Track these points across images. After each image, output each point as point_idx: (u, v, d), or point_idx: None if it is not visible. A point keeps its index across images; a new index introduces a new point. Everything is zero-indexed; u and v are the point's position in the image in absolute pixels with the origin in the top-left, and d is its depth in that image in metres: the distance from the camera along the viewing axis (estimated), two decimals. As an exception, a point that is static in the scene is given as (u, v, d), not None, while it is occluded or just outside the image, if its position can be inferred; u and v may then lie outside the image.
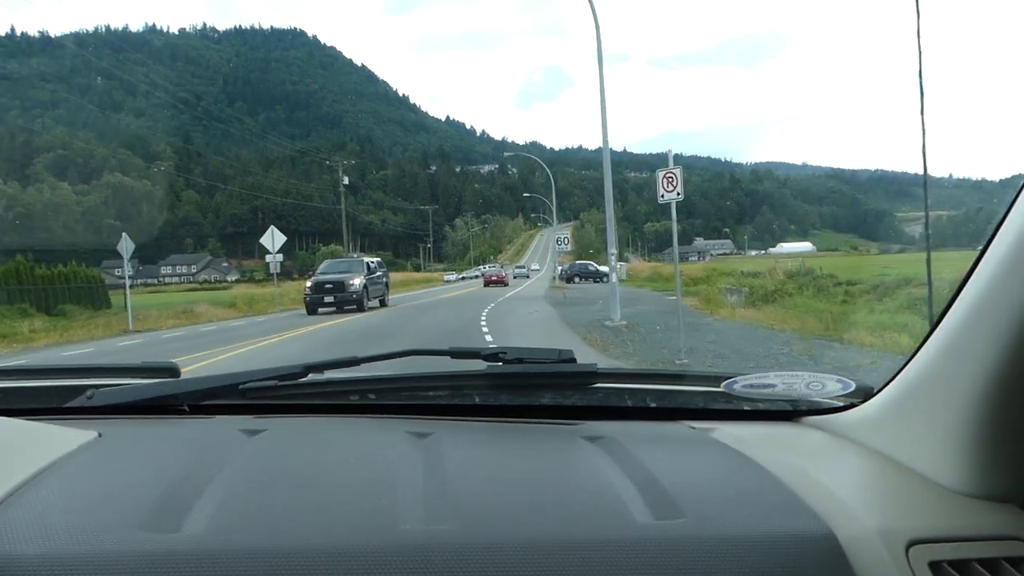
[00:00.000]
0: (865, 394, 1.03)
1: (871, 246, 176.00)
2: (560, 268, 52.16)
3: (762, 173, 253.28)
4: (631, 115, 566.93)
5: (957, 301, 0.79)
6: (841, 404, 1.06)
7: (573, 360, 1.16)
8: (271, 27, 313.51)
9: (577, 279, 48.43)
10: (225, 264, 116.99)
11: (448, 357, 1.28)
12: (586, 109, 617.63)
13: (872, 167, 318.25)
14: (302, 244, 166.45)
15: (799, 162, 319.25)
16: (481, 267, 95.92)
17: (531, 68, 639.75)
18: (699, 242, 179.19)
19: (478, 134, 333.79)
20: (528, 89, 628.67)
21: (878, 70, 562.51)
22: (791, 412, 1.12)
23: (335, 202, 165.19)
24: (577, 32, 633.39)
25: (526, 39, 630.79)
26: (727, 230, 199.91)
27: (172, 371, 1.26)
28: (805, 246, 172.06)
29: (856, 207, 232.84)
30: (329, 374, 1.23)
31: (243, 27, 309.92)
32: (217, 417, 1.13)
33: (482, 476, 0.85)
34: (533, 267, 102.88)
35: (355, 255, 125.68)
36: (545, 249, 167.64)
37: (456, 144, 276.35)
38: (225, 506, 0.72)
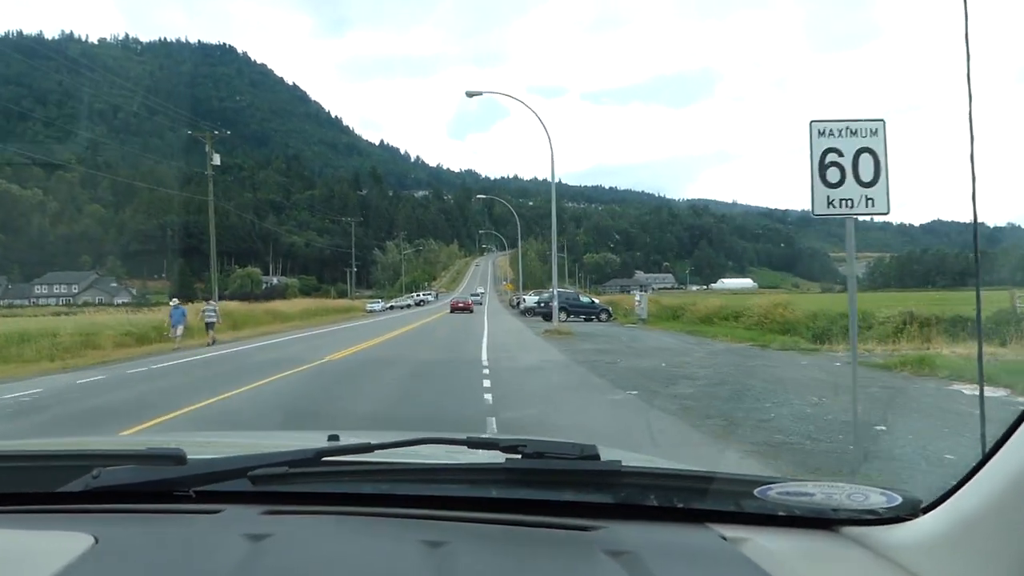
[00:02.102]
0: (912, 507, 0.97)
1: (810, 285, 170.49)
2: (532, 299, 39.79)
3: (700, 208, 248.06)
4: (566, 148, 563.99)
5: None
6: (886, 516, 0.99)
7: (596, 457, 1.11)
8: (199, 41, 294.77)
9: (561, 315, 35.13)
10: (114, 284, 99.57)
11: (465, 447, 1.23)
12: (521, 139, 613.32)
13: (798, 207, 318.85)
14: (218, 264, 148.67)
15: (730, 200, 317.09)
16: (414, 295, 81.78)
17: (465, 97, 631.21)
18: (640, 275, 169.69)
19: (413, 159, 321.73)
20: (463, 118, 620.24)
21: (803, 114, 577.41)
22: (830, 521, 1.04)
23: (255, 221, 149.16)
24: (513, 63, 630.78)
25: (460, 68, 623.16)
26: (667, 264, 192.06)
27: (178, 459, 1.18)
28: (746, 282, 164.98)
29: (791, 245, 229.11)
30: (339, 460, 1.18)
31: (168, 40, 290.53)
32: (225, 509, 1.07)
33: None
34: (479, 290, 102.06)
35: (275, 279, 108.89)
36: (483, 277, 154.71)
37: (390, 168, 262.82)
38: None
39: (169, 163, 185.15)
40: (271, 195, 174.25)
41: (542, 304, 35.56)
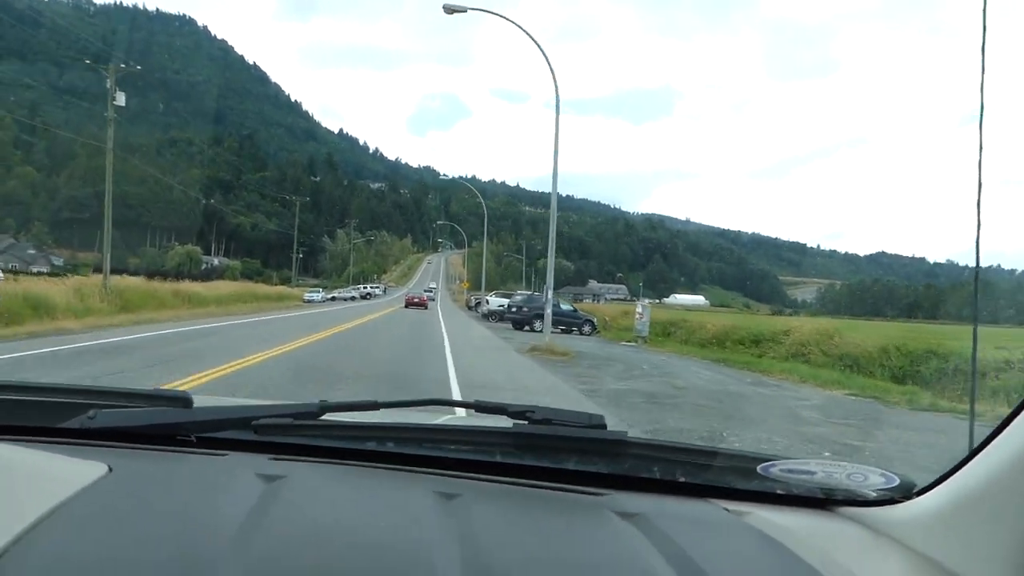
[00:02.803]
0: (908, 490, 0.98)
1: (760, 306, 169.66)
2: (498, 301, 34.20)
3: (656, 222, 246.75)
4: (526, 153, 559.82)
5: None
6: (882, 498, 1.00)
7: (604, 426, 1.11)
8: (157, 10, 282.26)
9: (537, 323, 27.94)
10: (31, 251, 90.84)
11: (472, 411, 1.21)
12: (480, 140, 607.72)
13: (749, 230, 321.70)
14: (154, 240, 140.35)
15: (683, 217, 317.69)
16: (360, 286, 75.80)
17: (428, 94, 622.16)
18: (593, 284, 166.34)
19: (371, 151, 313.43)
20: (424, 115, 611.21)
21: (758, 138, 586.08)
22: (826, 501, 1.05)
23: (200, 198, 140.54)
24: (476, 64, 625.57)
25: (425, 65, 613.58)
26: (620, 275, 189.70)
27: (184, 401, 1.16)
28: (699, 299, 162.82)
29: (742, 266, 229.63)
30: (345, 416, 1.16)
31: (123, 4, 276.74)
32: (229, 454, 1.05)
33: (520, 556, 0.78)
34: (431, 285, 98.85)
35: (216, 260, 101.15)
36: (435, 274, 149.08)
37: (347, 158, 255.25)
38: (253, 570, 0.66)
39: (116, 131, 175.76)
40: (221, 174, 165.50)
41: (513, 309, 29.53)
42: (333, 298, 59.82)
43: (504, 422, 1.12)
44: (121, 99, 24.85)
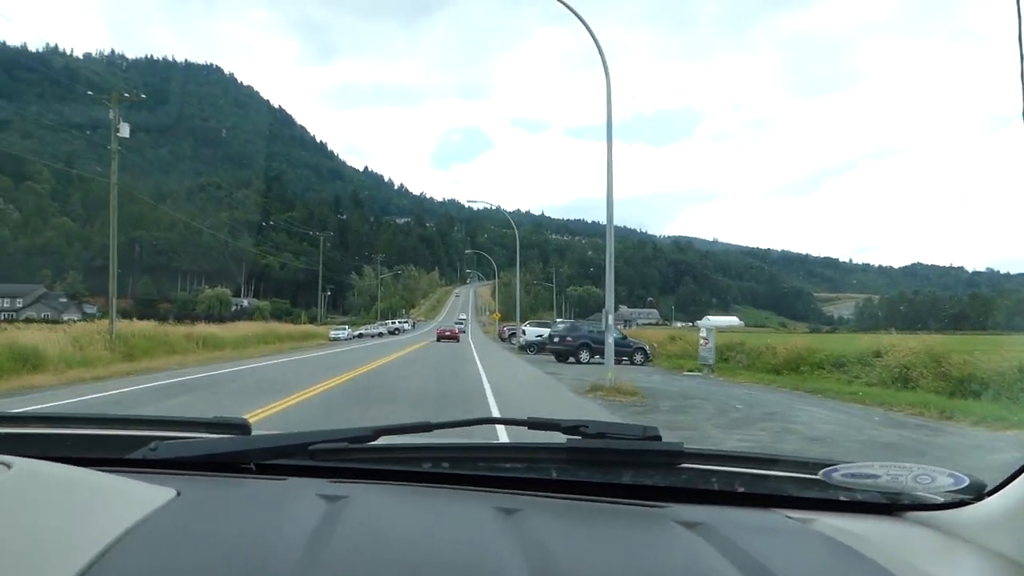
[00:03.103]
0: (978, 491, 0.95)
1: (797, 324, 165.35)
2: (535, 331, 31.76)
3: (683, 244, 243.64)
4: (549, 181, 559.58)
5: None
6: (951, 500, 0.97)
7: (658, 437, 1.09)
8: (185, 60, 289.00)
9: (583, 353, 25.47)
10: (63, 300, 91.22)
11: (525, 428, 1.20)
12: (504, 171, 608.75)
13: (779, 247, 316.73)
14: (185, 284, 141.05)
15: (710, 238, 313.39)
16: (388, 322, 74.35)
17: (450, 128, 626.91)
18: (624, 310, 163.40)
19: (396, 187, 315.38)
20: (446, 148, 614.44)
21: (781, 155, 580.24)
22: (892, 506, 1.02)
23: (229, 240, 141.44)
24: (497, 96, 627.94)
25: (445, 99, 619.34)
26: (651, 299, 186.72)
27: (243, 427, 1.19)
28: (732, 320, 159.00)
29: (774, 284, 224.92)
30: (400, 439, 1.17)
31: (154, 58, 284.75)
32: (287, 479, 1.06)
33: (588, 565, 0.77)
34: (462, 316, 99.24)
35: (246, 301, 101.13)
36: (463, 306, 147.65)
37: (373, 195, 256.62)
38: None
39: (147, 179, 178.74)
40: (249, 216, 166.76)
41: (556, 339, 26.51)
42: (360, 335, 58.33)
43: (558, 438, 1.11)
44: (125, 130, 23.78)
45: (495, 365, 22.85)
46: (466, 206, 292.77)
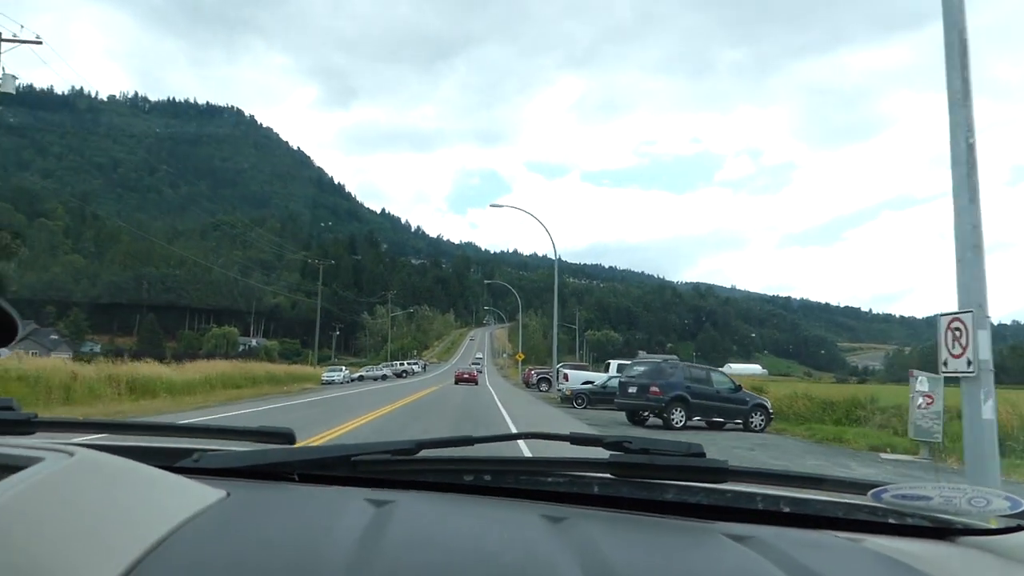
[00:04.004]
0: None
1: (820, 375, 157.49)
2: (582, 376, 25.61)
3: (703, 290, 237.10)
4: (566, 226, 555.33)
5: None
6: (1008, 526, 0.93)
7: (702, 455, 1.06)
8: (207, 103, 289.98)
9: (677, 412, 17.22)
10: (54, 337, 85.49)
11: (568, 443, 1.19)
12: (521, 216, 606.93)
13: (798, 295, 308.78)
14: (193, 323, 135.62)
15: (729, 284, 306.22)
16: (394, 363, 67.75)
17: (467, 171, 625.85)
18: (643, 355, 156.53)
19: (413, 229, 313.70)
20: (463, 192, 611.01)
21: (800, 204, 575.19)
22: (946, 530, 0.97)
23: (238, 278, 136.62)
24: (514, 141, 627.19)
25: (463, 144, 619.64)
26: (670, 345, 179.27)
27: (288, 437, 1.19)
28: (755, 368, 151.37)
29: (796, 332, 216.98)
30: (441, 452, 1.16)
31: (176, 100, 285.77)
32: (331, 487, 1.06)
33: (643, 570, 0.74)
34: (478, 355, 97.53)
35: (254, 340, 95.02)
36: (479, 348, 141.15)
37: (390, 237, 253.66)
38: None
39: (164, 219, 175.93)
40: (262, 254, 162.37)
41: (633, 388, 17.74)
42: (360, 377, 51.80)
43: (601, 453, 1.09)
44: (10, 85, 17.68)
45: (539, 428, 15.83)
46: (483, 250, 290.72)
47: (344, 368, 48.39)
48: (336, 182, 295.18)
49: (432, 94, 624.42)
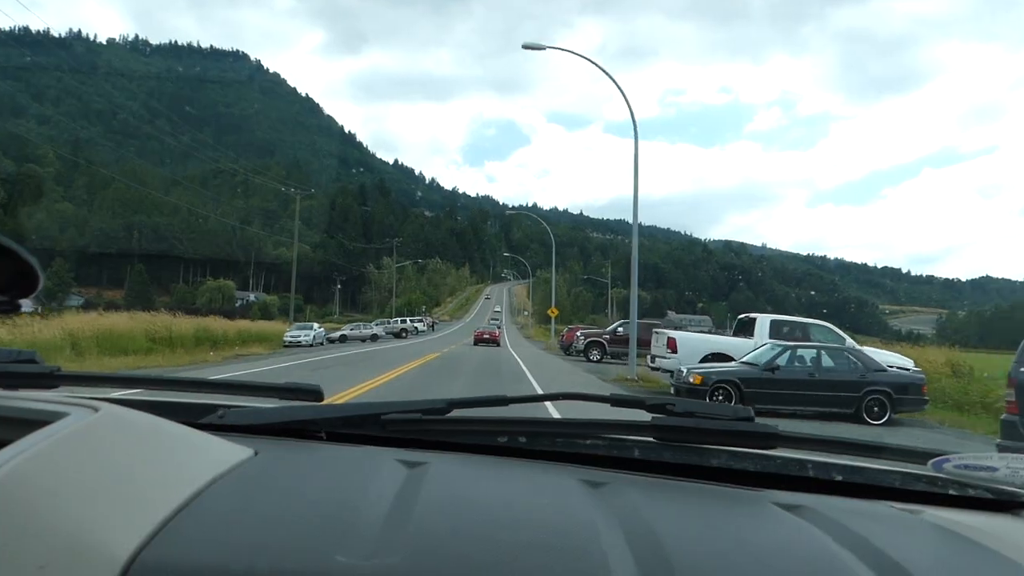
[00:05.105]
0: None
1: (863, 339, 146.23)
2: (707, 343, 14.94)
3: (735, 247, 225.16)
4: (588, 180, 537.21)
5: None
6: None
7: (751, 419, 1.03)
8: (211, 46, 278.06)
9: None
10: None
11: (608, 404, 1.16)
12: (540, 167, 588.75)
13: (832, 255, 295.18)
14: (187, 275, 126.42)
15: (759, 243, 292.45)
16: (389, 320, 57.22)
17: (484, 122, 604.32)
18: (672, 316, 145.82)
19: (427, 181, 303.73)
20: (480, 143, 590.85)
21: (836, 159, 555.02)
22: (1009, 504, 0.94)
23: (238, 227, 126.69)
24: (533, 90, 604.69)
25: (480, 93, 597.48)
26: (701, 305, 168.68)
27: (316, 394, 1.17)
28: None
29: (834, 293, 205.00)
30: (474, 412, 1.13)
31: (179, 43, 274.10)
32: (360, 447, 1.04)
33: (689, 537, 0.72)
34: (496, 308, 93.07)
35: (252, 295, 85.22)
36: (496, 305, 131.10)
37: (402, 188, 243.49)
38: (415, 538, 0.65)
39: (166, 167, 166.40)
40: (266, 203, 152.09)
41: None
42: (342, 337, 41.68)
43: (643, 416, 1.06)
44: None
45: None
46: (501, 204, 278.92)
47: (316, 326, 38.53)
48: (347, 131, 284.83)
49: (446, 38, 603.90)
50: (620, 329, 27.27)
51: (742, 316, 16.54)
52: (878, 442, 1.03)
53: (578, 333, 29.10)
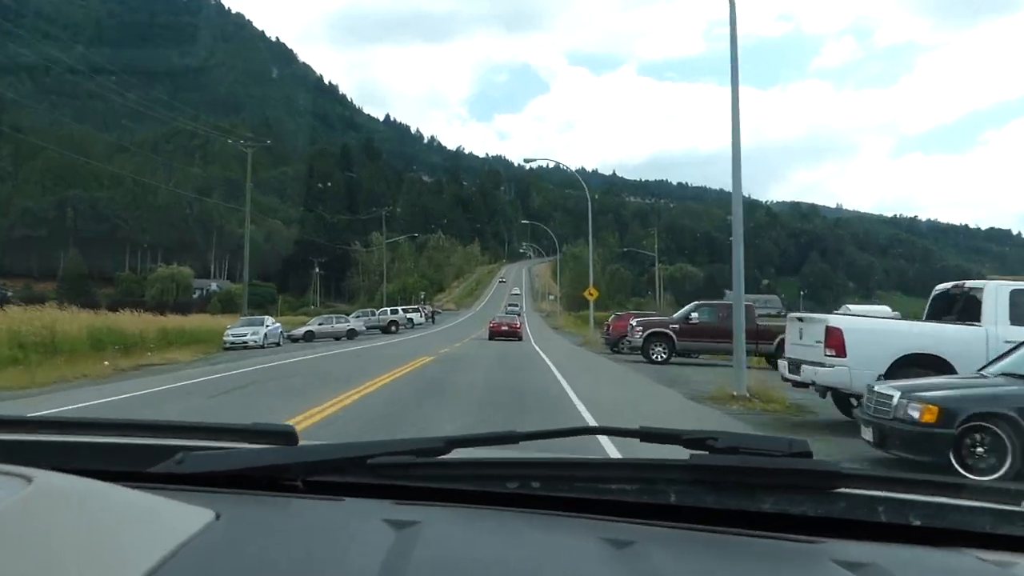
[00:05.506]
0: None
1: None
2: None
3: (804, 210, 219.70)
4: (621, 134, 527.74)
5: None
6: None
7: (809, 454, 1.03)
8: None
9: None
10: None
11: (637, 440, 1.16)
12: (562, 120, 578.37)
13: (924, 216, 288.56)
14: (135, 261, 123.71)
15: (833, 204, 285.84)
16: (376, 312, 53.39)
17: (492, 66, 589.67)
18: (729, 295, 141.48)
19: (426, 140, 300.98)
20: (489, 93, 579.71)
21: (923, 98, 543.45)
22: None
23: (196, 199, 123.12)
24: (551, 25, 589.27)
25: (486, 32, 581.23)
26: (767, 282, 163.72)
27: (288, 436, 1.16)
28: (884, 311, 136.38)
29: (929, 263, 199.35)
30: (477, 451, 1.15)
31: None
32: (344, 500, 1.03)
33: None
34: (515, 291, 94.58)
35: (214, 284, 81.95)
36: (514, 288, 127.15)
37: (395, 149, 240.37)
38: None
39: (108, 131, 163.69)
40: (227, 172, 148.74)
41: None
42: (308, 335, 37.89)
43: (678, 453, 1.06)
44: None
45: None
46: (516, 166, 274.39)
47: (270, 320, 34.92)
48: (327, 82, 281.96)
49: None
50: (695, 315, 23.19)
51: (944, 287, 11.89)
52: (958, 480, 0.97)
53: (632, 322, 24.81)
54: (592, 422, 9.94)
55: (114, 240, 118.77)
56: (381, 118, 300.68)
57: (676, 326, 23.09)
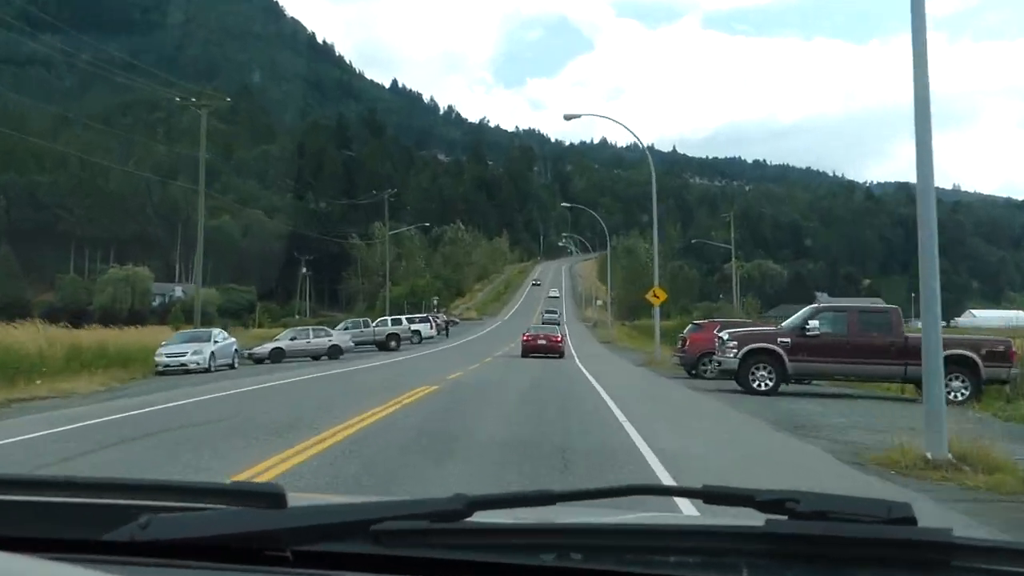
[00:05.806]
0: None
1: None
2: None
3: (914, 192, 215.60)
4: (681, 102, 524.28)
5: None
6: None
7: (912, 520, 1.03)
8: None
9: None
10: None
11: (701, 502, 1.16)
12: (610, 87, 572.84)
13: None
14: (81, 260, 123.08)
15: (949, 185, 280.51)
16: (382, 320, 51.38)
17: (523, 19, 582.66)
18: (824, 298, 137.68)
19: (442, 112, 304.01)
20: (519, 53, 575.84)
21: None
22: None
23: (157, 181, 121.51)
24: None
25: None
26: (868, 282, 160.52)
27: (274, 498, 1.15)
28: (1017, 316, 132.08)
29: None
30: (505, 515, 1.15)
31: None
32: (343, 575, 1.04)
33: None
34: (553, 293, 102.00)
35: (179, 289, 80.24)
36: (550, 299, 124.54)
37: (404, 121, 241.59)
38: None
39: (52, 102, 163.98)
40: (197, 150, 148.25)
41: None
42: (275, 353, 36.28)
43: (751, 519, 1.05)
44: None
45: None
46: (553, 141, 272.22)
47: (221, 334, 32.62)
48: (321, 41, 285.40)
49: None
50: (814, 324, 19.59)
51: None
52: None
53: (722, 334, 21.26)
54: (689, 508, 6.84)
55: (56, 234, 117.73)
56: (387, 84, 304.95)
57: (787, 340, 19.63)
